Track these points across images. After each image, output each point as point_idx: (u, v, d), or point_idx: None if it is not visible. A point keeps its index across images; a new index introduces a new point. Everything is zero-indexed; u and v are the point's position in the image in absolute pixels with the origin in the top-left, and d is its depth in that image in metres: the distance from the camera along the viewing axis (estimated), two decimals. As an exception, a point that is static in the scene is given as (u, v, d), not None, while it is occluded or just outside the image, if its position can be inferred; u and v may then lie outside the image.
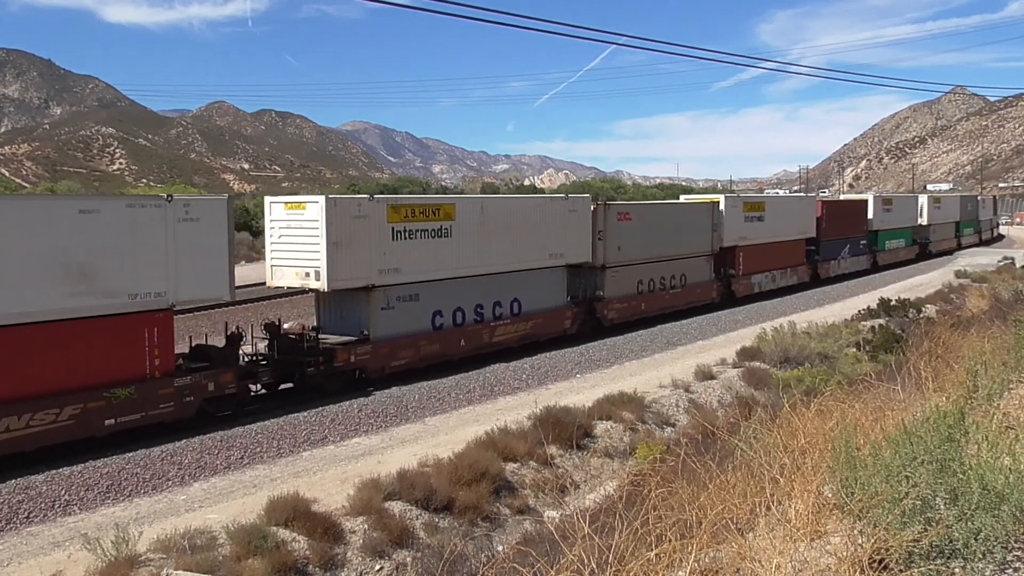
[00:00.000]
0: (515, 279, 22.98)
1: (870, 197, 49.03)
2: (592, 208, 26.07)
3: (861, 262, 45.19)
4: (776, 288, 36.64)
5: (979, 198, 74.63)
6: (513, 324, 22.88)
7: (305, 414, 16.92)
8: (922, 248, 54.24)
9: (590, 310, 26.22)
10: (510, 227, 22.82)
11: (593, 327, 26.00)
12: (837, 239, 42.47)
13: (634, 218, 27.93)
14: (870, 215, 46.76)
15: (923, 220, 54.56)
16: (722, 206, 33.02)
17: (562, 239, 24.58)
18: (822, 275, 40.82)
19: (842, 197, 57.44)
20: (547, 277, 24.23)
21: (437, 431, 16.30)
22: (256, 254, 41.15)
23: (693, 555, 4.66)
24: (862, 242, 45.44)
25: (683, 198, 40.17)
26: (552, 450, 14.44)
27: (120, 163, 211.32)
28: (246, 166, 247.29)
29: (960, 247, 61.57)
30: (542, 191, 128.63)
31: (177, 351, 16.11)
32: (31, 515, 12.04)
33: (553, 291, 24.55)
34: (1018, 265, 43.66)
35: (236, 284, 16.96)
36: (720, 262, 32.96)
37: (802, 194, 48.87)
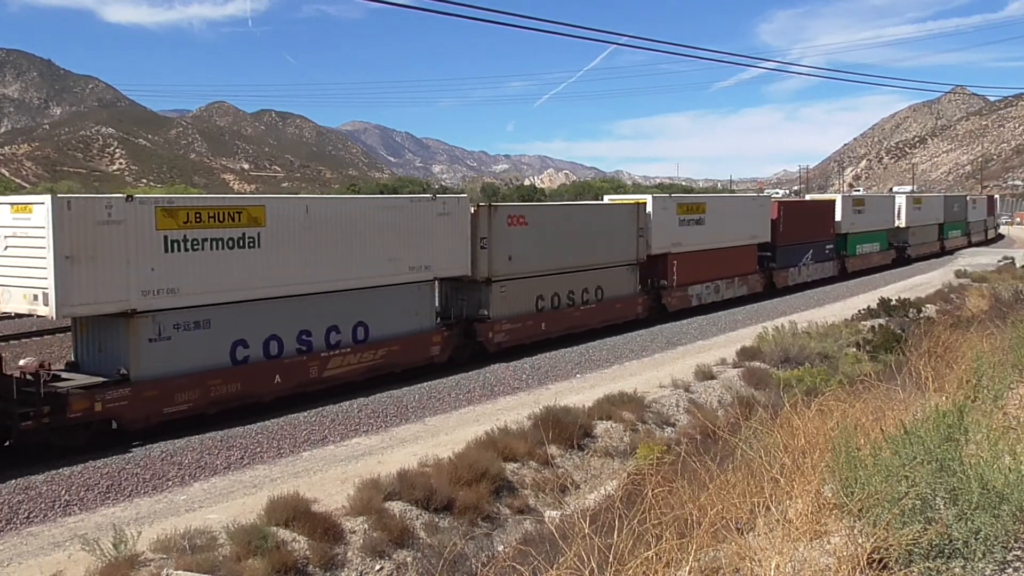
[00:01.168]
0: (359, 298, 18.80)
1: (838, 197, 45.34)
2: (472, 211, 22.13)
3: (827, 269, 41.69)
4: (721, 300, 32.75)
5: (968, 198, 70.57)
6: (356, 353, 18.70)
7: (305, 414, 16.93)
8: (899, 252, 50.62)
9: (469, 332, 22.20)
10: (351, 234, 18.59)
11: (474, 352, 22.03)
12: (797, 244, 38.66)
13: (531, 222, 23.78)
14: (838, 217, 42.85)
15: (901, 222, 50.86)
16: (650, 208, 28.90)
17: (429, 248, 20.39)
18: (779, 284, 36.96)
19: (808, 197, 52.15)
20: (407, 295, 20.02)
21: (437, 431, 16.30)
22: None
23: (693, 555, 4.66)
24: (828, 247, 41.65)
25: (607, 198, 34.71)
26: (552, 450, 14.44)
27: (120, 163, 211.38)
28: (246, 166, 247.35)
29: (944, 251, 57.77)
30: (542, 191, 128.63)
31: None
32: (31, 515, 12.04)
33: (416, 312, 20.31)
34: (1018, 265, 43.66)
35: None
36: (649, 272, 29.04)
37: (755, 194, 43.17)
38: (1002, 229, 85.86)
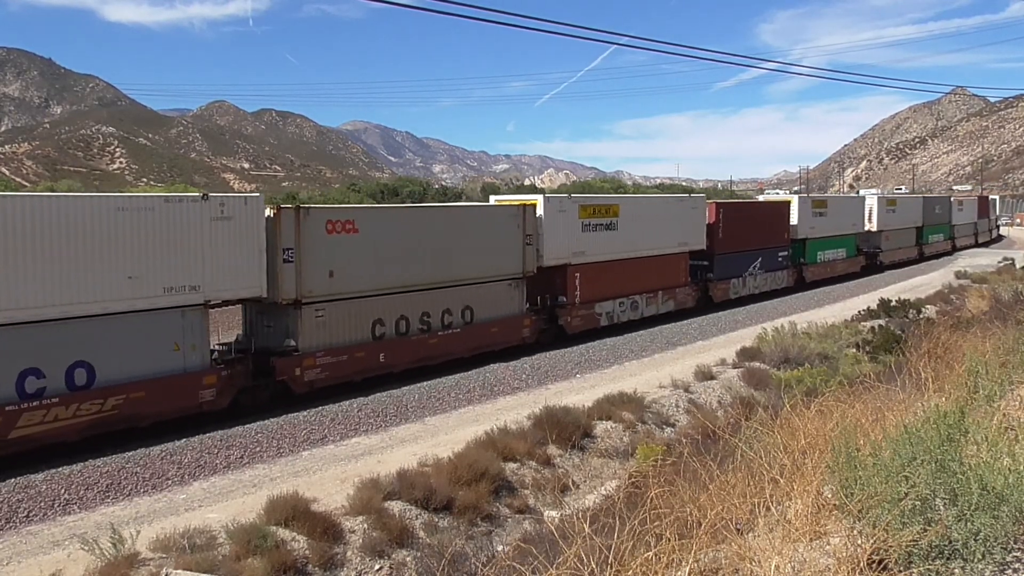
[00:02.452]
0: (80, 332, 14.31)
1: (794, 198, 40.93)
2: (270, 213, 17.38)
3: (779, 279, 37.46)
4: (639, 318, 28.36)
5: (953, 199, 65.83)
6: (66, 405, 14.00)
7: (305, 414, 16.93)
8: (870, 259, 46.69)
9: (263, 370, 17.24)
10: (72, 246, 14.16)
11: (275, 394, 17.48)
12: (741, 251, 34.21)
13: (365, 229, 18.96)
14: (794, 220, 38.44)
15: (872, 225, 46.92)
16: (541, 211, 24.20)
17: (198, 263, 15.83)
18: (716, 298, 32.64)
19: (761, 198, 46.15)
20: (156, 324, 15.38)
21: (437, 431, 16.30)
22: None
23: (693, 555, 4.66)
24: (781, 254, 37.49)
25: (493, 199, 29.69)
26: (552, 450, 14.46)
27: (120, 162, 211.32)
28: (246, 166, 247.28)
29: (923, 257, 53.38)
30: (542, 191, 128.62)
31: None
32: (31, 514, 12.04)
33: (172, 347, 15.61)
34: (1018, 266, 43.67)
35: None
36: (542, 287, 24.64)
37: (684, 195, 37.13)
38: (1002, 230, 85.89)
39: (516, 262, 23.31)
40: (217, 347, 17.15)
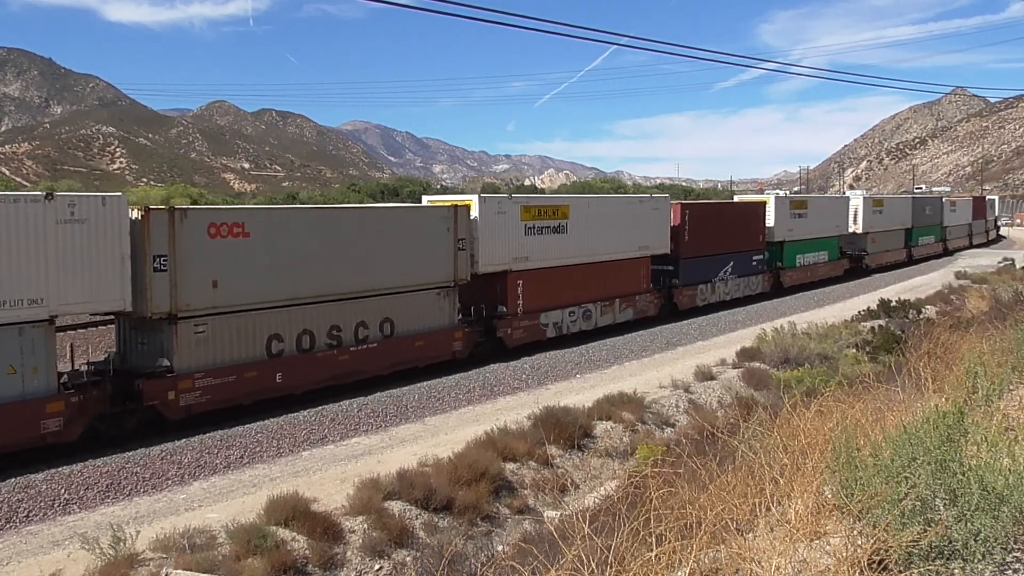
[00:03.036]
0: None
1: (771, 198, 38.28)
2: (138, 216, 15.28)
3: (753, 284, 35.22)
4: (593, 328, 26.10)
5: (945, 199, 62.74)
6: None
7: (305, 413, 16.93)
8: (854, 262, 44.65)
9: (130, 394, 15.30)
10: None
11: (141, 423, 15.47)
12: (710, 255, 32.05)
13: (257, 233, 16.88)
14: (770, 222, 36.30)
15: (857, 227, 44.96)
16: (476, 212, 21.96)
17: (39, 272, 13.80)
18: (682, 305, 30.46)
19: (737, 199, 43.60)
20: None
21: (437, 431, 16.30)
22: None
23: (693, 555, 4.66)
24: (756, 258, 35.36)
25: (425, 200, 26.31)
26: (552, 450, 14.45)
27: (120, 162, 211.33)
28: (246, 166, 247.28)
29: (912, 260, 51.49)
30: (542, 191, 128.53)
31: None
32: (31, 514, 12.04)
33: (4, 369, 13.48)
34: (1018, 266, 43.69)
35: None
36: (479, 296, 22.47)
37: (645, 195, 33.46)
38: (1002, 231, 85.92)
39: (446, 269, 21.01)
40: (79, 368, 15.33)
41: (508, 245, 23.08)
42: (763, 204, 36.78)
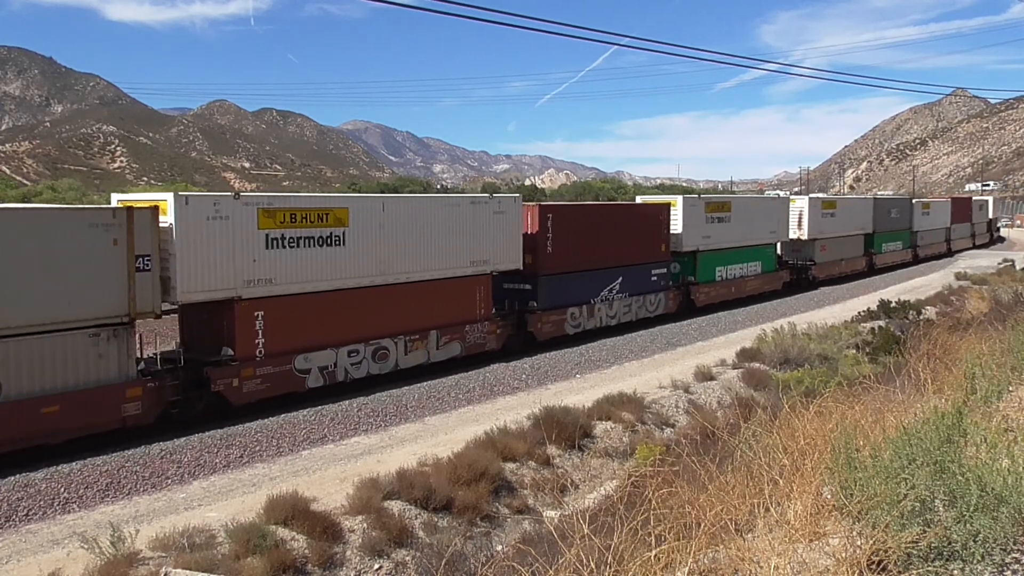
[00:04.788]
0: None
1: (679, 200, 31.25)
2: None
3: (653, 303, 28.98)
4: (393, 371, 19.59)
5: (915, 201, 56.18)
6: None
7: (304, 413, 16.94)
8: (798, 273, 39.36)
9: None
10: None
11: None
12: (586, 270, 25.83)
13: None
14: (677, 228, 30.24)
15: (802, 233, 39.51)
16: (171, 217, 15.80)
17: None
18: (541, 334, 24.04)
19: (640, 200, 35.05)
20: None
21: (436, 431, 16.31)
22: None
23: (692, 556, 4.67)
24: (657, 271, 29.14)
25: (116, 199, 18.22)
26: (552, 450, 14.45)
27: (121, 161, 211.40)
28: (247, 165, 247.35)
29: (872, 269, 46.19)
30: (543, 191, 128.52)
31: None
32: (30, 513, 12.04)
33: None
34: (1018, 267, 43.70)
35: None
36: (195, 334, 17.24)
37: (484, 195, 24.25)
38: (1002, 231, 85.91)
39: (113, 299, 14.72)
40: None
41: (236, 262, 16.69)
42: (667, 207, 30.10)
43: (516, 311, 23.73)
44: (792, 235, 39.01)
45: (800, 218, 39.61)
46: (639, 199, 35.86)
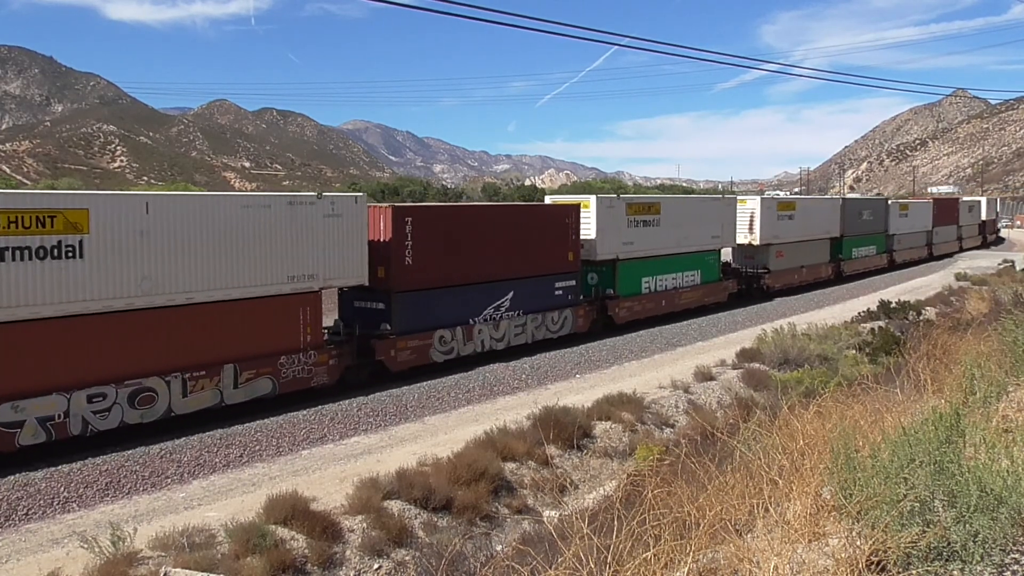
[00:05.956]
0: None
1: (592, 200, 26.79)
2: None
3: (557, 322, 24.70)
4: (160, 418, 15.37)
5: (890, 202, 51.82)
6: None
7: (304, 412, 16.94)
8: (749, 283, 35.50)
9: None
10: None
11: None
12: (461, 285, 21.56)
13: None
14: (590, 233, 25.99)
15: (754, 237, 35.39)
16: None
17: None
18: (395, 364, 19.67)
19: (550, 200, 31.42)
20: None
21: (436, 430, 16.31)
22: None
23: (691, 556, 4.67)
24: (562, 284, 24.91)
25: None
26: (551, 450, 14.46)
27: (121, 160, 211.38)
28: (247, 164, 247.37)
29: (840, 276, 42.38)
30: (543, 191, 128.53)
31: None
32: (30, 512, 12.05)
33: None
34: (1018, 268, 43.72)
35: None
36: None
37: (308, 195, 18.63)
38: (1002, 232, 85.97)
39: None
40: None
41: None
42: (575, 208, 25.58)
43: (357, 336, 19.36)
44: (743, 240, 35.20)
45: (751, 221, 35.49)
46: (548, 199, 31.50)
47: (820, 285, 39.99)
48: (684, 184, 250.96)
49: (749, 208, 35.63)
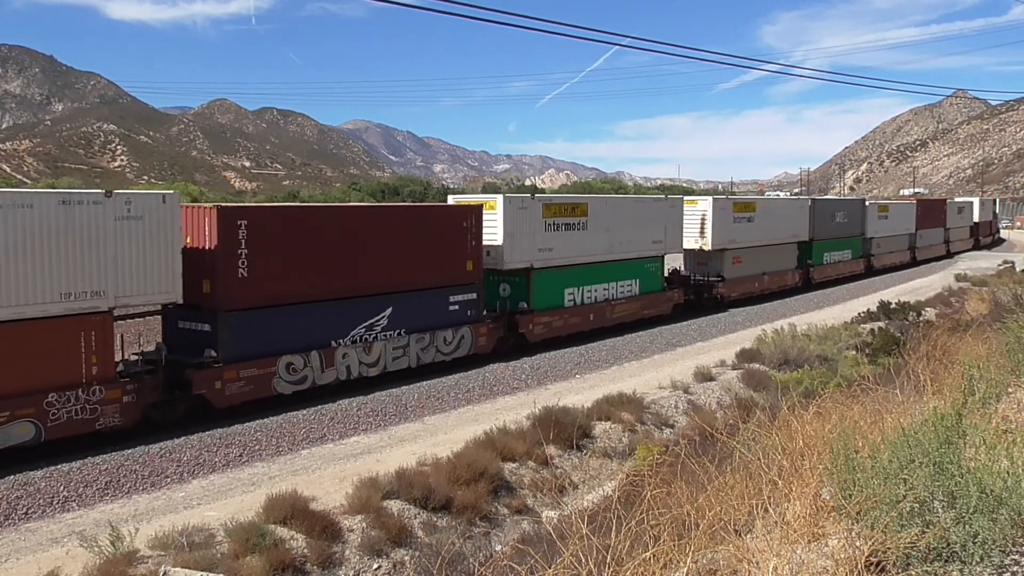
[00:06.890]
0: None
1: (498, 201, 23.22)
2: None
3: (449, 343, 21.20)
4: None
5: (868, 203, 47.66)
6: None
7: (304, 412, 16.94)
8: (698, 292, 32.03)
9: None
10: None
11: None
12: (319, 301, 18.08)
13: None
14: (496, 239, 22.87)
15: (704, 242, 32.13)
16: None
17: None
18: (220, 399, 16.17)
19: (453, 200, 26.52)
20: None
21: (436, 430, 16.31)
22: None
23: (690, 556, 4.67)
24: (458, 298, 21.55)
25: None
26: (551, 450, 14.45)
27: (121, 160, 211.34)
28: (247, 164, 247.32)
29: (809, 283, 39.29)
30: (542, 191, 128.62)
31: None
32: (29, 511, 12.04)
33: None
34: (1018, 269, 43.73)
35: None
36: None
37: (97, 191, 14.77)
38: (1002, 233, 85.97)
39: None
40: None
41: None
42: (476, 210, 22.26)
43: (167, 366, 15.71)
44: (692, 245, 32.11)
45: (703, 223, 32.07)
46: (451, 199, 26.53)
47: (786, 293, 37.04)
48: (684, 184, 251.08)
49: (700, 210, 32.41)
